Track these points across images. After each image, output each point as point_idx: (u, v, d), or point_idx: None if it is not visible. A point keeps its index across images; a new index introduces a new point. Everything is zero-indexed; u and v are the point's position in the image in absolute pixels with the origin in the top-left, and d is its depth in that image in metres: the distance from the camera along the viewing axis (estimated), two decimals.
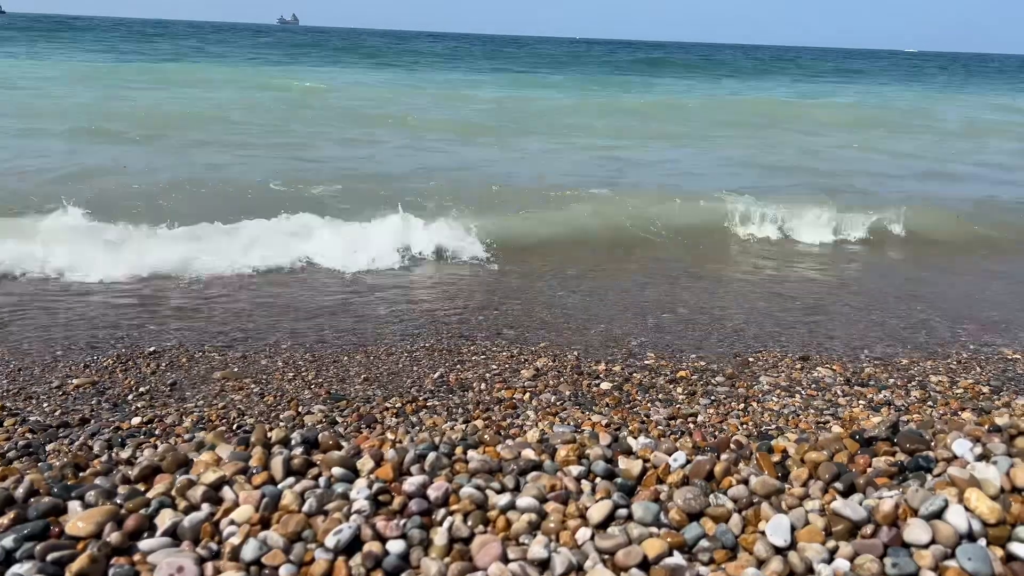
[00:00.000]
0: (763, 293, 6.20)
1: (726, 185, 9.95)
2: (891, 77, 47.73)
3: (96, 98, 17.16)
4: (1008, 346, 5.10)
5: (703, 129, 17.04)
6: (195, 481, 2.14)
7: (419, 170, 10.72)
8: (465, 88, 25.66)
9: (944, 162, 13.82)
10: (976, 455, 2.24)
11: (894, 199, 9.47)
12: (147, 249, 6.03)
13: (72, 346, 4.46)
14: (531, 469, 2.28)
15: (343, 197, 8.49)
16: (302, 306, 5.36)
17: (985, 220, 9.02)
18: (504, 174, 10.89)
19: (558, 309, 5.50)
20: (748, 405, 4.01)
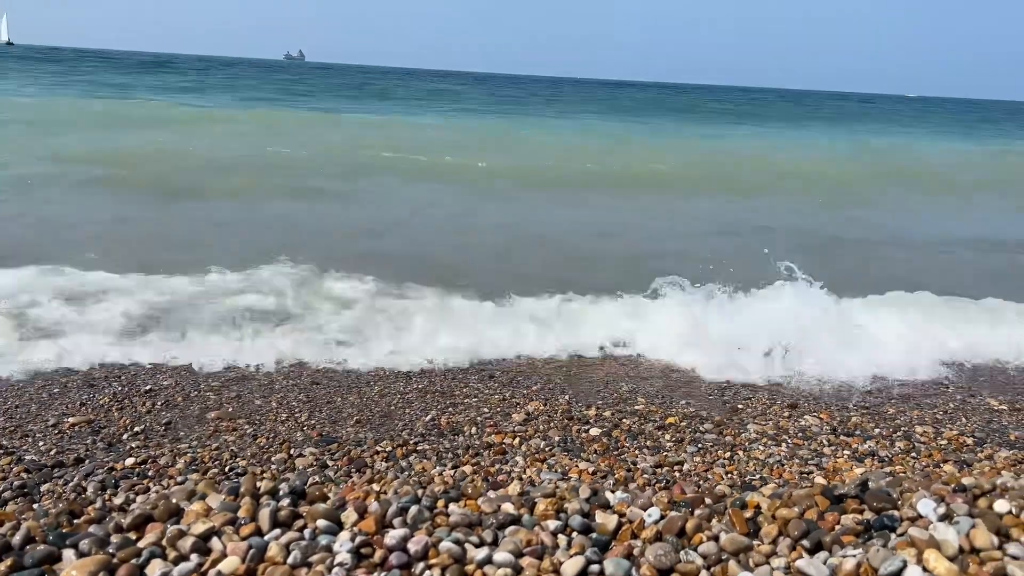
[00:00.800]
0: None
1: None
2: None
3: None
4: (994, 396, 5.17)
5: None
6: (185, 531, 2.23)
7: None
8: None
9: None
10: (939, 515, 2.32)
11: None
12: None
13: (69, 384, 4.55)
14: (510, 523, 2.37)
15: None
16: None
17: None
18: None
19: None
20: (735, 453, 4.08)
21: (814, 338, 5.53)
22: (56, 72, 45.71)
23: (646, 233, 10.71)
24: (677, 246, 9.61)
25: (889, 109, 71.03)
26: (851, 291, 6.65)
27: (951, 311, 6.69)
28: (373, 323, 5.73)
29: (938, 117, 58.32)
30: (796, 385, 5.15)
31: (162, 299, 5.97)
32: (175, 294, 6.12)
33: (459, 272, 7.36)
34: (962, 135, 37.24)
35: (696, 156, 21.44)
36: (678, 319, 5.71)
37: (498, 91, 58.42)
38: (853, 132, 35.93)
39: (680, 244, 9.78)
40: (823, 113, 57.04)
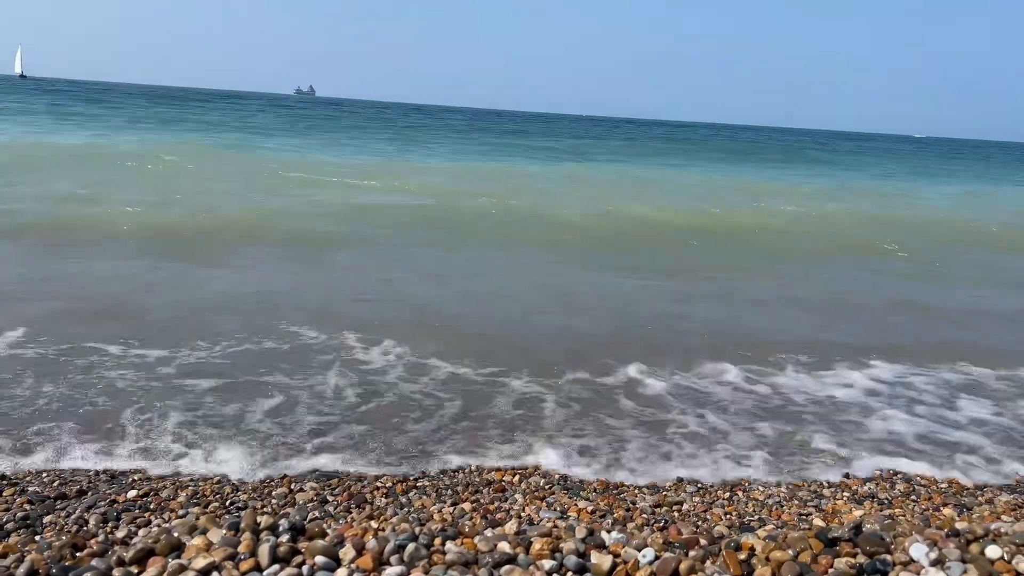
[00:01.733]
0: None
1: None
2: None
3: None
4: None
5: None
6: (186, 566, 2.27)
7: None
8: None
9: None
10: (931, 560, 2.34)
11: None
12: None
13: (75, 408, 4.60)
14: (506, 562, 2.40)
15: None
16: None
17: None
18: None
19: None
20: (734, 494, 4.10)
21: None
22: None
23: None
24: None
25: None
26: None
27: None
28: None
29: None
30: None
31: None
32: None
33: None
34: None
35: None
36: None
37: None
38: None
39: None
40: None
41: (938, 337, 7.54)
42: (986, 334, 7.87)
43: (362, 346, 6.09)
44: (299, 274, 8.68)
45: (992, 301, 9.57)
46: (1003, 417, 5.49)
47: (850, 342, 7.05)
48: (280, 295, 7.53)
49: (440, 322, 6.93)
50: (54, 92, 62.95)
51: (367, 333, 6.36)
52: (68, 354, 5.46)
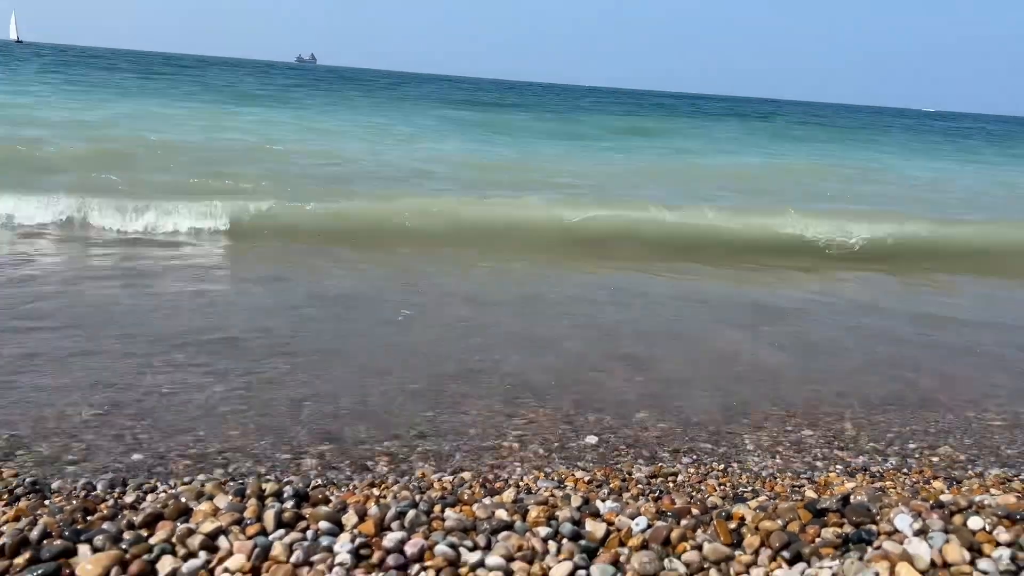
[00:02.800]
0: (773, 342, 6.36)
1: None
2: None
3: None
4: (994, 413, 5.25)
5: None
6: (194, 530, 2.36)
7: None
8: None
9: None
10: (915, 530, 2.42)
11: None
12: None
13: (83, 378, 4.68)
14: (503, 529, 2.48)
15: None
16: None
17: None
18: None
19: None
20: (728, 465, 4.18)
21: None
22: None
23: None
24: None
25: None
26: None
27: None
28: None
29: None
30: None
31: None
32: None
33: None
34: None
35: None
36: None
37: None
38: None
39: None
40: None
41: None
42: None
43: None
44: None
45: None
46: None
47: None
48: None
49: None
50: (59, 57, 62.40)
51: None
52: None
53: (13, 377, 4.65)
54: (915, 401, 5.32)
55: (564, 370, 5.46)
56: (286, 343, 5.59)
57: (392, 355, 5.54)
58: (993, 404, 5.35)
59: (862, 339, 6.82)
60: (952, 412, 5.15)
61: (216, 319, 6.08)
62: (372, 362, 5.37)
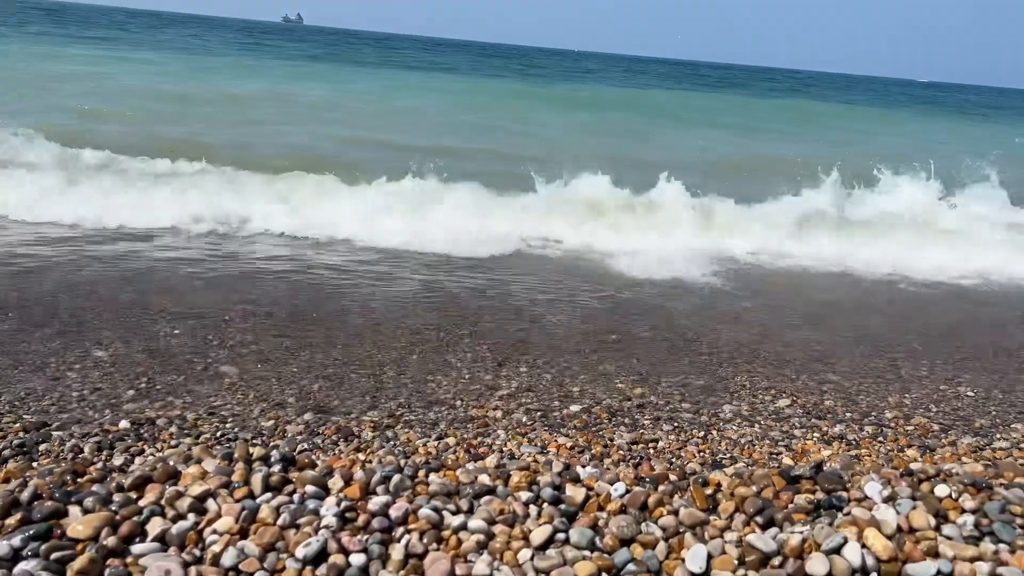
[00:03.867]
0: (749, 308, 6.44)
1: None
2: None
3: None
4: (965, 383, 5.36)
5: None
6: (183, 492, 2.41)
7: None
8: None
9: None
10: (884, 497, 2.50)
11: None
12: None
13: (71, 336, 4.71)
14: (485, 493, 2.55)
15: None
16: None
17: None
18: None
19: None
20: (708, 433, 4.26)
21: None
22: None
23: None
24: None
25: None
26: None
27: None
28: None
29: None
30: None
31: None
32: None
33: None
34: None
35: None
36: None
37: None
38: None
39: None
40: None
41: None
42: None
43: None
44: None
45: None
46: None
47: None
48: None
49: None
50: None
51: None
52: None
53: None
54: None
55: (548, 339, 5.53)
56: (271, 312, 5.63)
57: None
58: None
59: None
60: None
61: (208, 292, 6.10)
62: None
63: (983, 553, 2.25)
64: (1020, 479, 2.73)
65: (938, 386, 5.29)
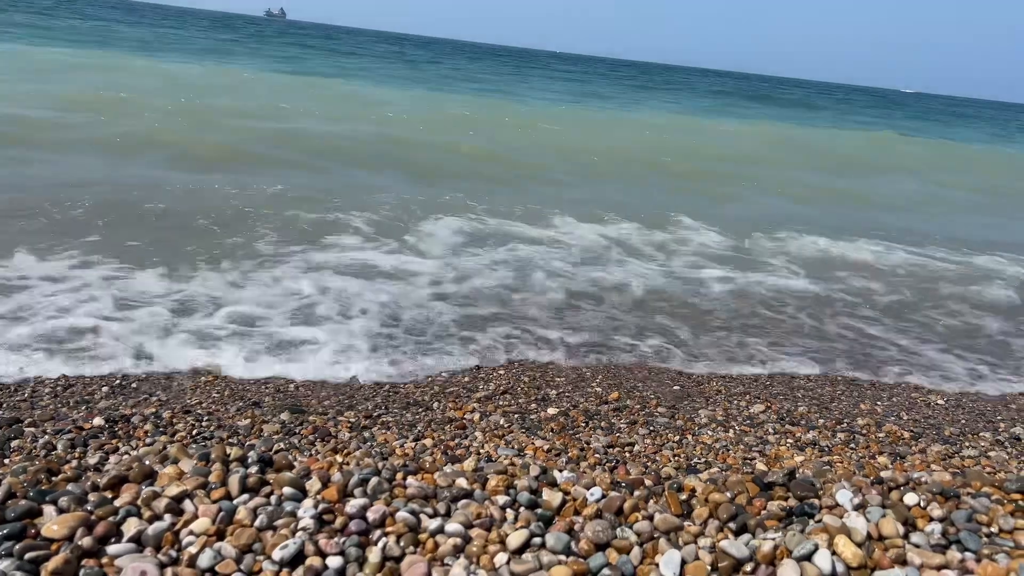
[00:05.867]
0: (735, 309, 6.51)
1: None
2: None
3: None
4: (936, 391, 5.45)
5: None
6: (159, 493, 2.40)
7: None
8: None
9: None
10: (854, 505, 2.55)
11: None
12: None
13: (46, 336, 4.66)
14: (462, 497, 2.56)
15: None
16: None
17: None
18: None
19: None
20: (684, 437, 4.30)
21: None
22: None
23: None
24: None
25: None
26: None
27: None
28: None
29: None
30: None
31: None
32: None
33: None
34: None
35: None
36: None
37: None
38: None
39: None
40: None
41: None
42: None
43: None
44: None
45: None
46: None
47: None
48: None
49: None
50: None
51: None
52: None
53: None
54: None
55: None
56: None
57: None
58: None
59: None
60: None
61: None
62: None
63: (950, 561, 2.30)
64: (987, 488, 2.79)
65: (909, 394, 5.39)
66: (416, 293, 6.39)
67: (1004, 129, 38.51)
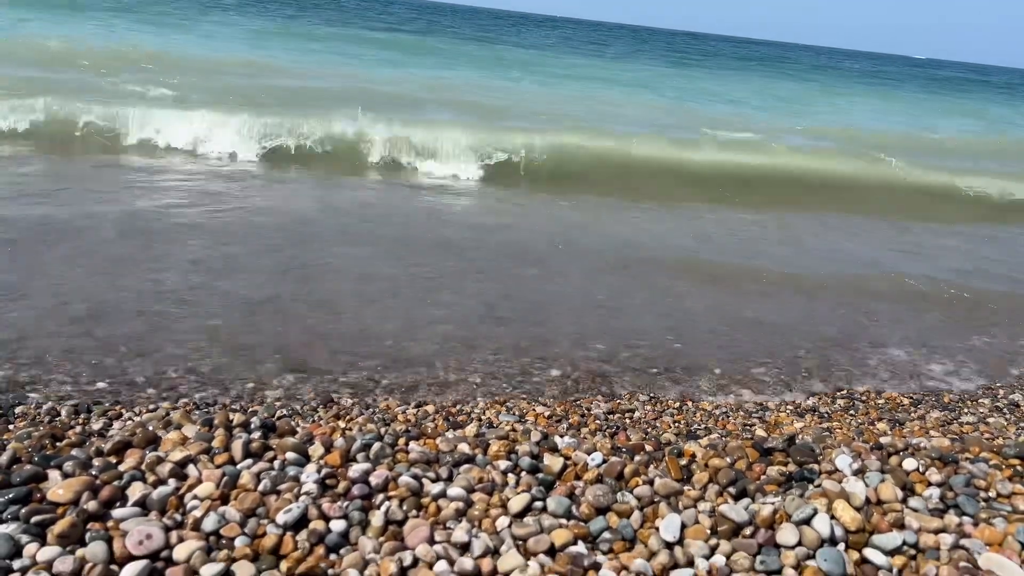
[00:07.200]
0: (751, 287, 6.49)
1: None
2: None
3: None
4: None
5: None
6: (163, 458, 2.42)
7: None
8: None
9: None
10: (853, 470, 2.56)
11: None
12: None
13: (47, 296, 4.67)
14: (464, 462, 2.58)
15: None
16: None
17: None
18: None
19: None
20: (684, 404, 4.32)
21: None
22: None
23: None
24: None
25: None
26: None
27: None
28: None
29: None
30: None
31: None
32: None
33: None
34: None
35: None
36: None
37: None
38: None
39: None
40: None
41: None
42: None
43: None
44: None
45: None
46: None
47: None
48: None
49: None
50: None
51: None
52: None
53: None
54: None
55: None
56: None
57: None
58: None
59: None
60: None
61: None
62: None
63: (947, 525, 2.32)
64: (985, 453, 2.81)
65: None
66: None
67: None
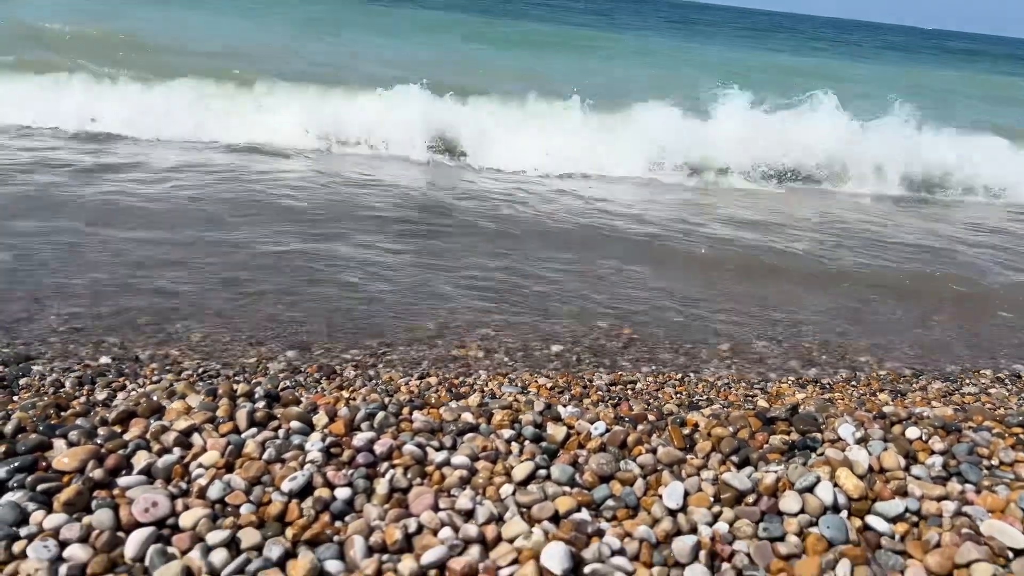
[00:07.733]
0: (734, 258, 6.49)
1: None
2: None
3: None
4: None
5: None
6: (168, 427, 2.42)
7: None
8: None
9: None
10: (856, 438, 2.57)
11: None
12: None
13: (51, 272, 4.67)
14: (468, 431, 2.59)
15: None
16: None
17: None
18: None
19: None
20: (686, 375, 4.33)
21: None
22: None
23: None
24: None
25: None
26: None
27: None
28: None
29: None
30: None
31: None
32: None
33: None
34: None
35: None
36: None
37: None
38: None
39: None
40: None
41: None
42: None
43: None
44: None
45: None
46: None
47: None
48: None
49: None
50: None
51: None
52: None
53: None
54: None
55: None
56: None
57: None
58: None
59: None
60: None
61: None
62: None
63: (950, 492, 2.33)
64: (988, 422, 2.82)
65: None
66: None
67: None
